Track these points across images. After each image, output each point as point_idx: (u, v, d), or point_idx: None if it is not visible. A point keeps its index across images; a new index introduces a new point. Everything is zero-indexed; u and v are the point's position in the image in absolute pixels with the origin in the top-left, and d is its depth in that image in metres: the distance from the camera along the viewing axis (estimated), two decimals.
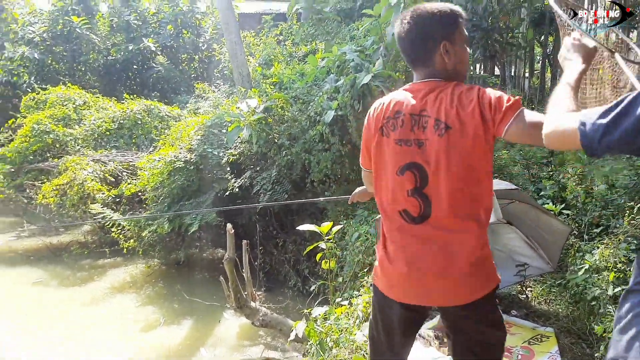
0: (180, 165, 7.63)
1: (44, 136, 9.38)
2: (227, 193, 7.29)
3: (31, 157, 9.48)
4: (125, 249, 7.85)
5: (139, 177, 8.54)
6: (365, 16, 7.64)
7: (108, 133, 10.12)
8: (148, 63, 15.81)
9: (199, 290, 7.21)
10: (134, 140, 10.24)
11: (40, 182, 9.00)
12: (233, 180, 7.46)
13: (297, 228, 4.38)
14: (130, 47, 15.45)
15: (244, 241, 5.22)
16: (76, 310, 6.85)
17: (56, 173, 8.86)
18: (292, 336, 3.92)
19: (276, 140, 7.07)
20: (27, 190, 9.13)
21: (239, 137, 7.34)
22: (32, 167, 9.35)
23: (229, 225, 4.98)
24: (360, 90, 6.00)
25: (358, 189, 2.69)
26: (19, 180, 9.26)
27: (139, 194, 8.45)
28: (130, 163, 9.27)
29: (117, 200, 8.63)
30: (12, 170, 9.30)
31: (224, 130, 7.84)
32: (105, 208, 8.07)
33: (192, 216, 7.39)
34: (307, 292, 5.98)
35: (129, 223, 7.96)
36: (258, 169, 7.49)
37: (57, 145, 9.56)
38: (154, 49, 15.70)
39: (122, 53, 15.42)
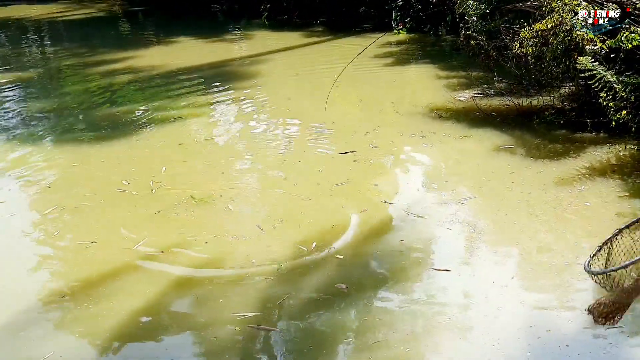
0: None
1: None
2: None
3: None
4: (613, 122, 6.03)
5: None
6: None
7: None
8: None
9: None
10: None
11: (518, 26, 7.59)
12: None
13: None
14: None
15: None
16: (540, 191, 5.54)
17: (538, 16, 7.26)
18: None
19: None
20: (502, 37, 7.88)
21: None
22: (510, 7, 8.02)
23: None
24: None
25: None
26: (493, 24, 8.10)
27: None
28: (638, 6, 6.86)
29: (612, 55, 6.56)
30: (487, 11, 8.16)
31: None
32: (596, 64, 6.16)
33: None
34: None
35: (623, 87, 6.02)
36: None
37: None
38: None
39: None
